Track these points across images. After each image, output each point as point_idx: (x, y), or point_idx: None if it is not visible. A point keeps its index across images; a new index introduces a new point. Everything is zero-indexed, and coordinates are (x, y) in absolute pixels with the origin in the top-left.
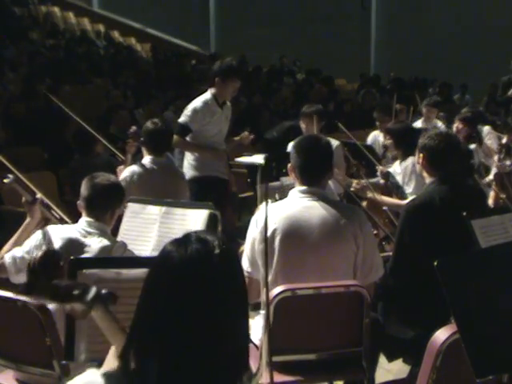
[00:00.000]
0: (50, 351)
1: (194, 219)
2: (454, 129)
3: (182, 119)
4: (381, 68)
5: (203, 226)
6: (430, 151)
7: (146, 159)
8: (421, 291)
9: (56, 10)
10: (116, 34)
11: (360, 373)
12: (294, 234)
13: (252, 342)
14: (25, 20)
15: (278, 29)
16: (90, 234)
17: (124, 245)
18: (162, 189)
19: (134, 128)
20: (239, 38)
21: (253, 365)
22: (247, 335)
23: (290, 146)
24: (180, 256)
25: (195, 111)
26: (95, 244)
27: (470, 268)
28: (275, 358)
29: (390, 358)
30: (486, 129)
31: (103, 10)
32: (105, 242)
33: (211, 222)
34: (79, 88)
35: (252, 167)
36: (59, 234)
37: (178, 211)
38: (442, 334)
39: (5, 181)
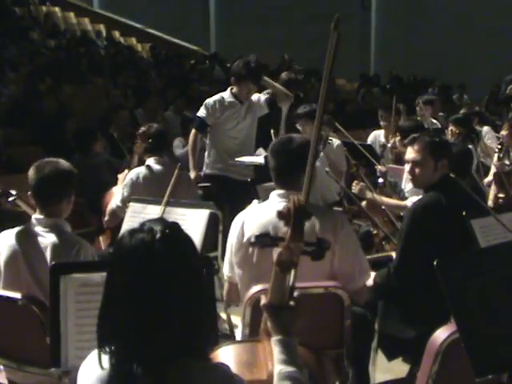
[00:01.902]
0: None
1: (195, 219)
2: (449, 131)
3: (199, 113)
4: (381, 68)
5: (204, 225)
6: None
7: (150, 161)
8: (426, 291)
9: (56, 10)
10: (116, 34)
11: (341, 374)
12: None
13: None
14: (25, 20)
15: (278, 29)
16: (39, 233)
17: (74, 241)
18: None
19: (142, 129)
20: (239, 37)
21: None
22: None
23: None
24: (126, 245)
25: (209, 105)
26: (46, 242)
27: (469, 268)
28: None
29: (390, 358)
30: (486, 129)
31: (104, 10)
32: (52, 238)
33: (212, 221)
34: (79, 88)
35: (253, 167)
36: (16, 236)
37: (179, 211)
38: (441, 334)
39: (9, 199)
